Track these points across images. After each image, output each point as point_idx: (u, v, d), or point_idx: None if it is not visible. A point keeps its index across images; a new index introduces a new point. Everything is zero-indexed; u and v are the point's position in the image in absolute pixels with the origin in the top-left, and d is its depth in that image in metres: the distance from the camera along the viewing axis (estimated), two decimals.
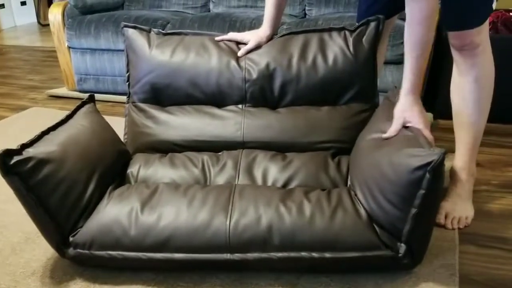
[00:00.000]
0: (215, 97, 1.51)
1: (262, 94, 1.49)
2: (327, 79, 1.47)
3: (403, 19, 1.97)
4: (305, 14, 2.53)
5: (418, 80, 1.21)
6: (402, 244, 1.09)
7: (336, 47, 1.48)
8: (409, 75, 1.20)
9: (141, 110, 1.53)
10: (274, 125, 1.47)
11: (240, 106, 1.51)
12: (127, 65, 1.56)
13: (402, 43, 1.95)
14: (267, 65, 1.48)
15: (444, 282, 1.11)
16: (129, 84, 1.56)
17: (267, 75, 1.48)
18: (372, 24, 1.49)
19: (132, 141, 1.53)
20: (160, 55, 1.50)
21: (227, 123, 1.48)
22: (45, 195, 1.09)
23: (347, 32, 1.50)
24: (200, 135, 1.47)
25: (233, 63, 1.49)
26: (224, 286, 1.11)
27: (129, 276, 1.15)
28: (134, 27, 1.55)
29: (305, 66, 1.48)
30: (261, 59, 1.48)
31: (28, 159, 1.06)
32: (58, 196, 1.10)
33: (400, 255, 1.09)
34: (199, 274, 1.15)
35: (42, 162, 1.08)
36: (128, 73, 1.56)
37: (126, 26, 1.56)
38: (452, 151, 1.80)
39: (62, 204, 1.11)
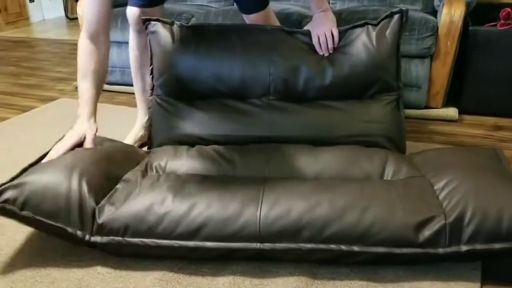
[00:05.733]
0: (239, 90, 1.53)
1: (286, 87, 1.50)
2: (352, 75, 1.48)
3: (427, 12, 1.94)
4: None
5: None
6: (463, 246, 1.07)
7: (360, 43, 1.48)
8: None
9: (166, 103, 1.56)
10: (299, 121, 1.48)
11: (263, 99, 1.52)
12: (151, 58, 1.57)
13: (428, 36, 1.93)
14: (292, 59, 1.49)
15: (466, 276, 1.10)
16: (152, 77, 1.58)
17: (292, 69, 1.49)
18: (396, 17, 1.48)
19: (157, 134, 1.56)
20: (183, 49, 1.52)
21: (252, 118, 1.49)
22: (37, 210, 1.13)
23: (370, 27, 1.50)
24: (226, 130, 1.49)
25: (257, 55, 1.50)
26: (245, 273, 1.13)
27: (153, 261, 1.17)
28: (157, 20, 1.56)
29: (329, 61, 1.48)
30: (286, 53, 1.49)
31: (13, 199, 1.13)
32: (49, 203, 1.14)
33: (440, 253, 1.07)
34: (221, 260, 1.17)
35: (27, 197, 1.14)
36: (151, 66, 1.57)
37: (149, 19, 1.57)
38: (478, 145, 1.78)
39: (56, 209, 1.14)
